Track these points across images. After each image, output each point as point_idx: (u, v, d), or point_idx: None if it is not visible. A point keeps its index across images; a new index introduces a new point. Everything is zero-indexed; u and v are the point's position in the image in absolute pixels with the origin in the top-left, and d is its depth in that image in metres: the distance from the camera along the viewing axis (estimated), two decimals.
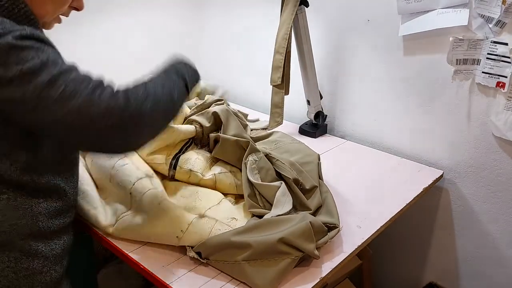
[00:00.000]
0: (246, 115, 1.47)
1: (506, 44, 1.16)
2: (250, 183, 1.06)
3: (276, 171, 1.11)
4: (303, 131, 1.60)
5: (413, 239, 1.54)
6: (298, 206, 1.05)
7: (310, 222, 0.93)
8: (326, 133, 1.61)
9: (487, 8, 1.16)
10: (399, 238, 1.57)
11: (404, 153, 1.46)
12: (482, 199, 1.33)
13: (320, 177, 1.17)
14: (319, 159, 1.22)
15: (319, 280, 0.90)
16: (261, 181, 1.07)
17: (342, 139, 1.57)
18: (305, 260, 0.95)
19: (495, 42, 1.18)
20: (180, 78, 0.88)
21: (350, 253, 0.98)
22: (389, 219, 1.11)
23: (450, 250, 1.45)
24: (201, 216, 0.97)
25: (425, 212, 1.47)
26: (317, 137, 1.57)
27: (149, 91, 0.78)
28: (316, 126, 1.58)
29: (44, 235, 0.86)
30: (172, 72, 0.88)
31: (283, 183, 1.06)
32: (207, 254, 0.92)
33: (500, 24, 1.15)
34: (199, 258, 0.93)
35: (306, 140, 1.54)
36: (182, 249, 0.97)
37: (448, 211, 1.42)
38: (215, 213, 1.00)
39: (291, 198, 1.04)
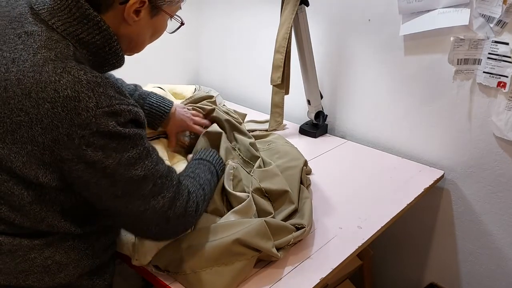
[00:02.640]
0: (244, 115, 1.46)
1: (507, 44, 1.16)
2: (223, 188, 1.04)
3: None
4: (303, 131, 1.59)
5: (413, 240, 1.54)
6: (260, 212, 1.03)
7: (265, 221, 0.92)
8: (326, 133, 1.61)
9: (488, 7, 1.16)
10: (400, 238, 1.57)
11: (404, 153, 1.46)
12: (483, 199, 1.33)
13: (302, 182, 1.14)
14: (305, 165, 1.21)
15: (319, 280, 0.90)
16: (232, 189, 1.04)
17: (342, 139, 1.56)
18: (303, 260, 0.95)
19: (496, 42, 1.17)
20: (217, 177, 1.02)
21: (351, 254, 0.98)
22: (389, 219, 1.10)
23: (451, 250, 1.45)
24: None
25: (425, 213, 1.47)
26: (317, 137, 1.57)
27: (206, 196, 0.91)
28: (317, 126, 1.58)
29: (101, 269, 0.86)
30: (214, 175, 1.00)
31: (250, 196, 1.02)
32: (164, 266, 0.90)
33: (501, 24, 1.15)
34: (158, 271, 0.90)
35: (306, 140, 1.54)
36: None
37: (449, 211, 1.41)
38: None
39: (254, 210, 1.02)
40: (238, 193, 1.03)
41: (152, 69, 1.82)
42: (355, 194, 1.21)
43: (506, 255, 1.34)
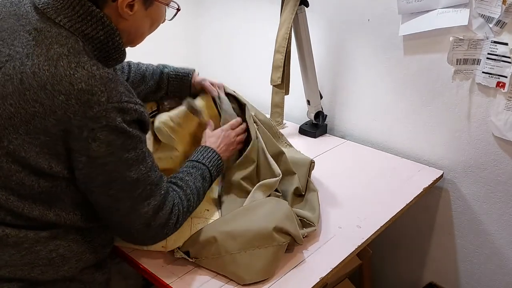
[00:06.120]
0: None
1: (506, 44, 1.16)
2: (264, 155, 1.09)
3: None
4: (303, 131, 1.59)
5: (413, 239, 1.54)
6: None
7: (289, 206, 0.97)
8: (326, 133, 1.61)
9: (487, 8, 1.16)
10: (399, 238, 1.57)
11: (404, 153, 1.46)
12: (482, 199, 1.33)
13: (309, 175, 1.16)
14: (312, 163, 1.21)
15: (319, 280, 0.90)
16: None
17: (342, 139, 1.57)
18: (303, 260, 0.95)
19: (495, 42, 1.18)
20: (210, 181, 0.98)
21: (350, 253, 0.99)
22: (389, 219, 1.11)
23: (450, 250, 1.45)
24: None
25: (425, 212, 1.47)
26: (317, 137, 1.57)
27: (190, 207, 0.89)
28: (316, 126, 1.58)
29: (101, 264, 0.89)
30: (206, 180, 0.97)
31: (280, 174, 1.07)
32: (195, 252, 0.92)
33: (500, 24, 1.15)
34: (187, 258, 0.92)
35: (306, 140, 1.54)
36: None
37: (448, 211, 1.42)
38: None
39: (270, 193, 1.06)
40: (274, 166, 1.07)
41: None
42: (354, 193, 1.22)
43: (505, 254, 1.34)
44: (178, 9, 0.90)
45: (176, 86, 1.15)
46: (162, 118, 1.07)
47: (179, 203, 0.86)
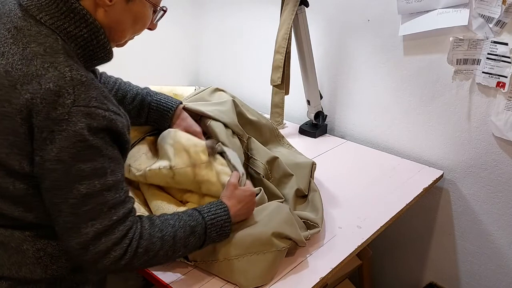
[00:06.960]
0: None
1: (506, 44, 1.16)
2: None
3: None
4: (303, 131, 1.59)
5: (413, 239, 1.54)
6: (270, 196, 1.06)
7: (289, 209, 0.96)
8: (326, 133, 1.61)
9: (487, 8, 1.16)
10: (399, 238, 1.57)
11: (404, 153, 1.46)
12: (482, 199, 1.33)
13: (311, 176, 1.16)
14: (314, 165, 1.20)
15: (319, 280, 0.90)
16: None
17: (342, 139, 1.57)
18: (303, 260, 0.95)
19: (495, 42, 1.18)
20: (200, 240, 0.85)
21: (350, 253, 0.99)
22: (389, 219, 1.11)
23: (450, 250, 1.45)
24: None
25: (425, 212, 1.47)
26: (317, 137, 1.57)
27: (151, 251, 0.77)
28: (316, 126, 1.58)
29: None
30: (195, 236, 0.83)
31: (262, 189, 1.03)
32: (193, 256, 0.91)
33: (500, 24, 1.15)
34: (185, 261, 0.92)
35: (306, 140, 1.54)
36: None
37: (448, 211, 1.42)
38: None
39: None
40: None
41: (152, 71, 1.82)
42: (354, 194, 1.21)
43: (505, 254, 1.34)
44: (164, 11, 0.87)
45: (156, 117, 1.08)
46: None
47: (134, 238, 0.75)
